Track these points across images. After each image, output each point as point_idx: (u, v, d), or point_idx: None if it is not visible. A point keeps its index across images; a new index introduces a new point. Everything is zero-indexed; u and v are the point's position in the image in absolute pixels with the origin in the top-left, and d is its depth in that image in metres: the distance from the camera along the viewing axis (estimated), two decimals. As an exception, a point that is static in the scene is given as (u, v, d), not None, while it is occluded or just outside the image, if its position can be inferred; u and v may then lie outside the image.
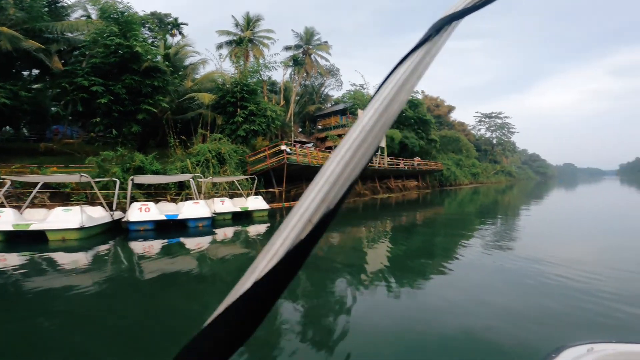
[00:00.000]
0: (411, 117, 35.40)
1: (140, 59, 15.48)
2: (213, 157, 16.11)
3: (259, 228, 10.79)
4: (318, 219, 0.24)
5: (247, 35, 29.94)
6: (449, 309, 3.67)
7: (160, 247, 7.92)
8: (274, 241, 0.24)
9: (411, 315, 3.54)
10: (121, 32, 15.19)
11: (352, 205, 18.53)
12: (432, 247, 7.59)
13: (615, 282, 4.28)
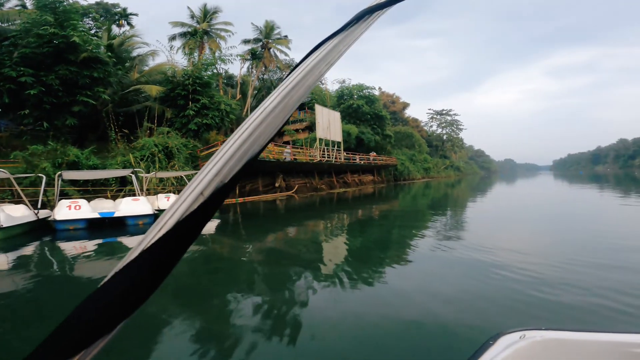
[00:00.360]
0: (367, 113, 36.13)
1: (77, 49, 14.66)
2: (159, 152, 15.23)
3: (207, 225, 10.32)
4: (210, 192, 0.24)
5: (203, 27, 28.99)
6: (403, 300, 3.78)
7: (92, 248, 7.28)
8: (165, 213, 0.24)
9: (368, 306, 3.62)
10: (57, 22, 14.36)
11: (309, 200, 18.46)
12: (388, 240, 7.69)
13: (550, 272, 4.51)
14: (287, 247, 7.34)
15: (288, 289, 4.42)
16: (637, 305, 3.43)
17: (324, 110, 25.79)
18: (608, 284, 3.99)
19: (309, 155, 23.44)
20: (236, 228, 10.35)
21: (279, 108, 0.27)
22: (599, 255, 5.41)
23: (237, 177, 0.25)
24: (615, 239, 6.73)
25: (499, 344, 1.04)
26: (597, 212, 11.66)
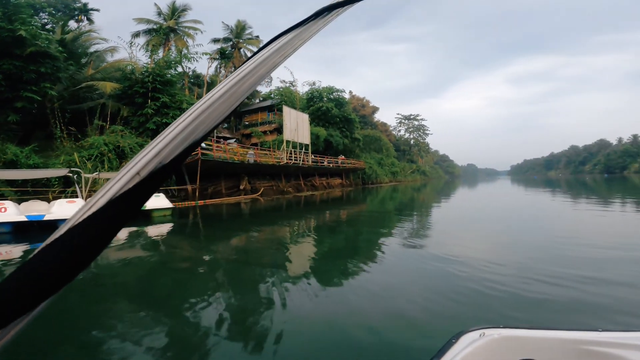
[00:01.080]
0: (337, 116, 36.21)
1: (24, 44, 13.87)
2: (110, 151, 14.22)
3: (158, 229, 9.72)
4: (147, 172, 0.24)
5: (170, 25, 28.22)
6: (370, 301, 3.82)
7: (18, 254, 6.52)
8: (98, 191, 0.24)
9: (336, 308, 3.64)
10: (6, 16, 13.64)
11: (275, 203, 18.04)
12: (356, 243, 7.69)
13: (508, 272, 4.63)
14: (252, 250, 7.13)
15: (254, 293, 4.31)
16: (587, 302, 3.58)
17: (292, 112, 25.49)
18: (559, 282, 4.15)
19: (275, 158, 22.99)
20: (196, 231, 9.87)
21: (227, 95, 0.28)
22: (551, 256, 5.63)
23: (178, 159, 0.25)
24: (565, 239, 7.06)
25: (460, 342, 1.09)
26: (550, 215, 12.16)
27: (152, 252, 7.00)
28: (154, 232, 9.29)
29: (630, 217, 10.71)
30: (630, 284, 4.10)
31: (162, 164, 0.24)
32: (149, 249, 7.33)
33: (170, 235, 9.05)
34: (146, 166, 0.24)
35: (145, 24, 28.60)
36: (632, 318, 3.17)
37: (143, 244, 7.79)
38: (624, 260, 5.21)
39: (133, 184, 0.24)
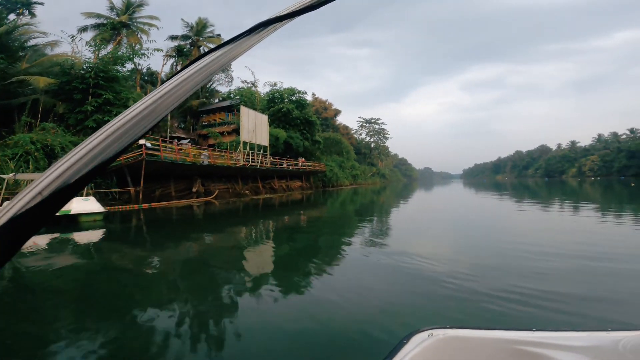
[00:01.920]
0: (297, 117, 35.85)
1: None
2: (37, 150, 12.71)
3: (86, 236, 8.81)
4: (50, 192, 0.24)
5: (123, 20, 26.91)
6: (331, 304, 3.81)
7: None
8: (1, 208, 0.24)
9: (295, 312, 3.63)
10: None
11: (231, 206, 17.30)
12: (315, 247, 7.61)
13: (461, 274, 4.69)
14: (203, 255, 6.85)
15: (213, 298, 4.18)
16: (532, 303, 3.64)
17: (251, 113, 24.73)
18: (500, 284, 4.26)
19: (232, 159, 22.10)
20: (135, 237, 9.16)
21: (145, 113, 0.27)
22: (498, 255, 5.93)
23: (85, 179, 0.25)
24: (512, 240, 7.37)
25: (411, 343, 1.11)
26: (497, 217, 12.73)
27: (78, 261, 6.25)
28: (81, 238, 8.41)
29: (566, 219, 11.38)
30: (565, 279, 4.39)
31: (66, 184, 0.24)
32: (75, 258, 6.58)
33: (101, 241, 8.29)
34: (49, 186, 0.24)
35: (95, 18, 27.22)
36: (566, 316, 3.33)
37: (69, 252, 6.99)
38: (562, 258, 5.55)
39: (34, 204, 0.23)
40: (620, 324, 2.97)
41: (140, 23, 28.60)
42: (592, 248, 6.30)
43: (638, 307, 3.55)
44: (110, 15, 27.73)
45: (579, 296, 3.84)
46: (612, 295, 3.86)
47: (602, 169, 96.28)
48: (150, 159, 15.05)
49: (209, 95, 40.62)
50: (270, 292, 4.27)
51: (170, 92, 0.29)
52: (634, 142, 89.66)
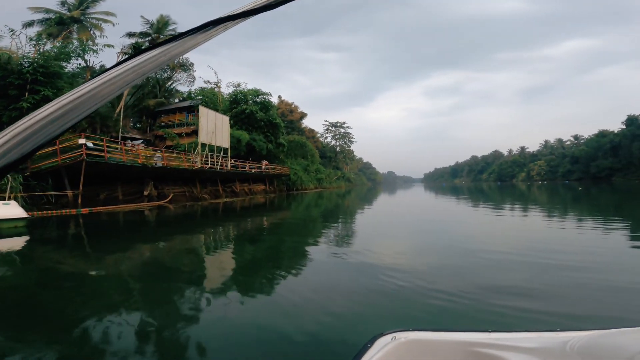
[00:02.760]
0: (261, 119, 35.10)
1: None
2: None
3: (6, 244, 7.83)
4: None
5: (75, 15, 25.77)
6: (296, 307, 3.79)
7: None
8: None
9: (262, 316, 3.56)
10: None
11: (188, 210, 16.40)
12: (281, 250, 7.49)
13: (423, 275, 4.77)
14: (155, 261, 6.50)
15: (172, 306, 3.99)
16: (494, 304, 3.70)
17: (211, 113, 23.72)
18: (461, 285, 4.32)
19: (189, 162, 20.97)
20: (76, 243, 8.40)
21: (58, 114, 0.25)
22: (459, 258, 6.02)
23: None
24: (469, 241, 7.57)
25: (375, 346, 1.13)
26: (455, 219, 13.13)
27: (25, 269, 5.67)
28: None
29: (516, 220, 11.99)
30: (518, 279, 4.59)
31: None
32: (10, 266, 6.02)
33: (25, 249, 7.30)
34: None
35: (44, 13, 25.77)
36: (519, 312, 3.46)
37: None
38: (514, 258, 5.83)
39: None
40: (569, 318, 3.24)
41: (94, 19, 27.35)
42: (542, 246, 6.67)
43: (584, 304, 3.67)
44: (61, 10, 26.32)
45: (530, 294, 3.95)
46: (561, 292, 4.02)
47: (549, 173, 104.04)
48: (92, 160, 13.77)
49: (167, 94, 38.79)
50: (232, 297, 4.16)
51: (101, 86, 0.28)
52: (577, 148, 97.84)
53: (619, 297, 3.81)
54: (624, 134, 74.98)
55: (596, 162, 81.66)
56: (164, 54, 0.32)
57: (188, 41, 0.32)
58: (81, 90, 0.29)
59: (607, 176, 77.63)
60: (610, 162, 78.13)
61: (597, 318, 3.29)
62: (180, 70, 37.68)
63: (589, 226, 9.87)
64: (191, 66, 38.77)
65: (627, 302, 3.65)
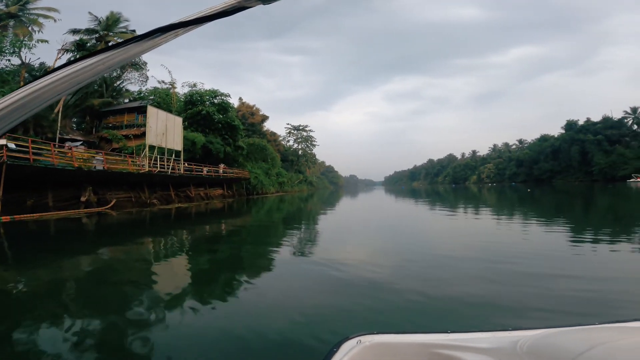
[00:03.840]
0: (219, 121, 33.77)
1: None
2: None
3: None
4: None
5: (12, 11, 24.31)
6: (260, 314, 3.70)
7: None
8: None
9: (223, 324, 3.46)
10: None
11: (134, 216, 15.18)
12: (240, 256, 7.29)
13: (387, 280, 4.77)
14: (95, 272, 6.07)
15: (123, 316, 3.79)
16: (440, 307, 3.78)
17: (161, 114, 22.22)
18: (421, 286, 4.40)
19: (134, 165, 19.39)
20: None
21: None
22: (422, 259, 6.17)
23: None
24: (425, 243, 7.80)
25: (341, 351, 1.14)
26: (414, 222, 13.36)
27: None
28: None
29: (470, 222, 12.37)
30: (473, 278, 4.73)
31: None
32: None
33: None
34: None
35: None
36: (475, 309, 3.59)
37: None
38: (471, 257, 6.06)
39: None
40: (518, 316, 3.37)
41: (34, 14, 26.03)
42: (494, 247, 6.99)
43: (533, 302, 3.78)
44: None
45: (484, 293, 4.07)
46: (511, 290, 4.19)
47: (497, 176, 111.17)
48: (15, 163, 12.10)
49: (116, 94, 36.34)
50: (190, 306, 3.98)
51: (27, 97, 0.26)
52: (521, 152, 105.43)
53: (568, 294, 3.95)
54: (564, 138, 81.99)
55: (538, 165, 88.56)
56: (102, 63, 0.29)
57: (132, 48, 0.30)
58: (5, 101, 0.25)
59: (548, 178, 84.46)
60: (551, 165, 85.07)
61: (546, 312, 3.41)
62: (132, 69, 36.11)
63: (538, 226, 10.29)
64: (144, 65, 37.00)
65: (571, 299, 3.80)
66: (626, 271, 4.88)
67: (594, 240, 7.51)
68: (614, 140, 72.04)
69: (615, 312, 3.44)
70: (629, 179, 57.05)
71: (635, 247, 6.58)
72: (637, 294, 3.98)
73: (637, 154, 66.00)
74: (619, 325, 1.17)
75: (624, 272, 4.84)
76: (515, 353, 1.01)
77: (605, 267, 5.15)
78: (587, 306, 3.58)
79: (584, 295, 3.87)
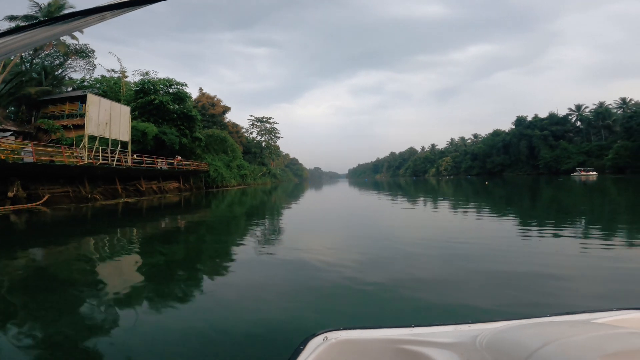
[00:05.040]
0: (174, 112, 31.79)
1: None
2: None
3: None
4: None
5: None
6: (225, 310, 3.62)
7: None
8: None
9: (186, 322, 3.31)
10: None
11: (73, 213, 13.83)
12: (200, 252, 7.07)
13: (352, 272, 4.72)
14: (57, 270, 5.65)
15: (71, 319, 3.52)
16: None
17: (104, 103, 20.27)
18: (385, 278, 4.43)
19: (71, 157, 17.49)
20: None
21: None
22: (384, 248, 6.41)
23: None
24: (388, 235, 7.81)
25: (307, 348, 1.13)
26: (377, 214, 13.40)
27: None
28: None
29: (429, 213, 12.57)
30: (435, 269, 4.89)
31: None
32: None
33: None
34: None
35: None
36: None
37: None
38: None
39: None
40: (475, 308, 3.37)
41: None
42: (453, 236, 7.30)
43: (489, 292, 3.91)
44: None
45: (444, 286, 4.14)
46: (469, 281, 4.27)
47: (454, 168, 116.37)
48: None
49: (57, 82, 33.06)
50: (146, 306, 3.85)
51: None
52: (476, 146, 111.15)
53: (520, 284, 4.09)
54: (514, 133, 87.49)
55: (491, 158, 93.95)
56: (18, 41, 0.27)
57: (50, 29, 0.28)
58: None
59: (499, 171, 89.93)
60: (502, 159, 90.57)
61: (504, 305, 3.47)
62: (77, 57, 33.40)
63: (490, 216, 10.66)
64: (91, 53, 34.14)
65: (525, 289, 3.92)
66: (562, 256, 5.40)
67: (541, 229, 8.13)
68: (558, 136, 77.95)
69: (551, 287, 3.91)
70: (573, 172, 61.66)
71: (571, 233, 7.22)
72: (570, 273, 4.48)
73: (579, 149, 71.99)
74: (569, 318, 1.24)
75: (561, 257, 5.37)
76: (475, 348, 1.04)
77: (547, 254, 5.57)
78: (537, 290, 3.87)
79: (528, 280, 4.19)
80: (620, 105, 73.35)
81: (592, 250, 5.72)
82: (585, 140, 74.90)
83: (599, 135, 73.26)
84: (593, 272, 4.57)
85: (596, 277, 4.37)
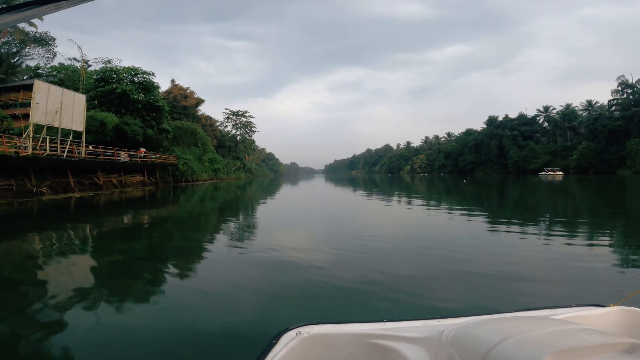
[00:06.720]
0: (139, 101, 29.88)
1: None
2: None
3: None
4: None
5: None
6: (195, 307, 3.51)
7: None
8: None
9: (155, 320, 3.23)
10: None
11: (15, 209, 12.66)
12: (167, 249, 6.82)
13: (326, 269, 4.69)
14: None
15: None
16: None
17: (54, 90, 18.53)
18: (358, 274, 4.42)
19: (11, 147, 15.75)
20: None
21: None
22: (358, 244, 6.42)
23: None
24: (362, 231, 7.91)
25: (280, 342, 1.13)
26: (354, 210, 13.36)
27: None
28: None
29: (403, 210, 12.41)
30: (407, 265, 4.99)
31: None
32: None
33: None
34: None
35: None
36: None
37: None
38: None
39: None
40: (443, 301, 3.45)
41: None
42: (425, 232, 7.57)
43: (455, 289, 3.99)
44: None
45: (415, 281, 4.23)
46: (436, 277, 4.38)
47: (427, 166, 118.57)
48: None
49: (11, 70, 30.51)
50: (108, 305, 3.67)
51: None
52: (449, 145, 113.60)
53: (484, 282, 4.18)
54: (485, 133, 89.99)
55: (463, 157, 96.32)
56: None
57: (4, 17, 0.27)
58: None
59: (470, 170, 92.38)
60: (473, 158, 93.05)
61: (470, 300, 3.56)
62: (35, 45, 31.25)
63: (463, 214, 10.59)
64: (52, 41, 31.84)
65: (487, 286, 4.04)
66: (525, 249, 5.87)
67: (510, 224, 8.71)
68: (527, 136, 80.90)
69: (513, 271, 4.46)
70: (540, 172, 64.09)
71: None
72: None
73: (545, 149, 74.96)
74: (529, 314, 1.26)
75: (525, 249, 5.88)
76: (441, 343, 1.07)
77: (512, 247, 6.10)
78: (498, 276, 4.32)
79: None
80: (586, 107, 76.65)
81: (553, 245, 6.15)
82: (552, 141, 78.04)
83: (565, 136, 76.48)
84: (553, 266, 4.84)
85: (556, 268, 4.67)
